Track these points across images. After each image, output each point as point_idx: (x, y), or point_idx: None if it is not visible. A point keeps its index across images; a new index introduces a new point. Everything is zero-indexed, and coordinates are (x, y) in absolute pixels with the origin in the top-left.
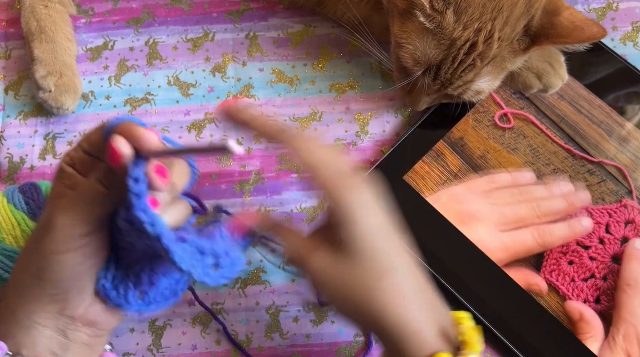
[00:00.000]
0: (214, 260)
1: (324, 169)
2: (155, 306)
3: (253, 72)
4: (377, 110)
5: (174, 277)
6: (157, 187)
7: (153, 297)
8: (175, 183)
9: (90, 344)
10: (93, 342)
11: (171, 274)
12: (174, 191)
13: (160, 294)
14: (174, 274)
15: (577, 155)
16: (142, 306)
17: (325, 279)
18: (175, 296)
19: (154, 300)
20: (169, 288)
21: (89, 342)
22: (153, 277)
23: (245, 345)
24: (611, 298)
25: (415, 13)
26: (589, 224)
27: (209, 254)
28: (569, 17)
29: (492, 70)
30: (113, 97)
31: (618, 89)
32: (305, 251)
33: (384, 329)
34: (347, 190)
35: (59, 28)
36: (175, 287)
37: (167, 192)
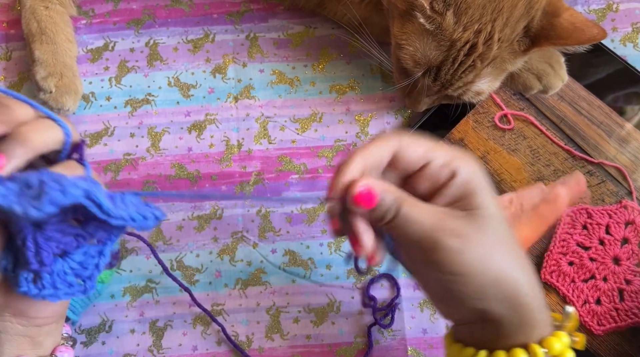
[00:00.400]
0: (38, 189)
1: (442, 149)
2: (52, 291)
3: (253, 73)
4: (377, 111)
5: (76, 260)
6: None
7: (50, 281)
8: (30, 138)
9: (30, 335)
10: (33, 333)
11: (71, 255)
12: (29, 146)
13: (60, 279)
14: (74, 255)
15: (577, 156)
16: (33, 289)
17: (467, 249)
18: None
19: (51, 285)
20: (71, 274)
21: (28, 333)
22: (42, 255)
23: (246, 346)
24: (612, 299)
25: (416, 14)
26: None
27: (34, 186)
28: (569, 18)
29: (492, 72)
30: (113, 98)
31: (618, 89)
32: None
33: (521, 304)
34: (473, 161)
35: (59, 29)
36: (82, 274)
37: (20, 148)
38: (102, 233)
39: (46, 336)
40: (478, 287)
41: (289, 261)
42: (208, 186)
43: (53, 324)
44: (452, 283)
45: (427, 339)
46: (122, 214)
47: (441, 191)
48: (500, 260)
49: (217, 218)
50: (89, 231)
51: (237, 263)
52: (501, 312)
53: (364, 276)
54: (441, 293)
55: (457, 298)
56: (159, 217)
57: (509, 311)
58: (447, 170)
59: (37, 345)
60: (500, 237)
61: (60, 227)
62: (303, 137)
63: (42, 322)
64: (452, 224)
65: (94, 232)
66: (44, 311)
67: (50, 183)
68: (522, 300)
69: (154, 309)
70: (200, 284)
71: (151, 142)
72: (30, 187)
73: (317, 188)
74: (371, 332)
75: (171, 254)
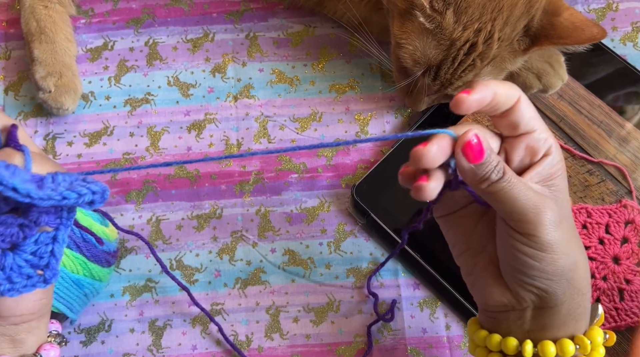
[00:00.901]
0: None
1: (542, 121)
2: (9, 286)
3: (253, 72)
4: (377, 110)
5: (29, 251)
6: None
7: (5, 277)
8: None
9: (10, 334)
10: (11, 331)
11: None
12: None
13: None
14: (25, 246)
15: (577, 156)
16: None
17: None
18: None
19: (6, 280)
20: (26, 266)
21: (5, 332)
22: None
23: (246, 345)
24: (611, 299)
25: (415, 13)
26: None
27: None
28: (569, 17)
29: (492, 71)
30: (113, 97)
31: (618, 89)
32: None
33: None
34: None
35: (58, 28)
36: (38, 264)
37: None
38: (48, 218)
39: (27, 333)
40: (558, 268)
41: (288, 261)
42: (208, 185)
43: (33, 322)
44: (536, 259)
45: (426, 339)
46: (50, 193)
47: (533, 166)
48: (577, 247)
49: (216, 217)
50: (32, 219)
51: (236, 262)
52: (564, 299)
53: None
54: (512, 267)
55: (530, 275)
56: (96, 191)
57: (571, 298)
58: (546, 145)
59: (19, 343)
60: (573, 225)
61: (0, 220)
62: (303, 136)
63: (19, 320)
64: (551, 203)
65: (38, 219)
66: (17, 309)
67: None
68: (584, 290)
69: (153, 308)
70: (199, 283)
71: (150, 142)
72: None
73: (317, 187)
74: (371, 331)
75: (170, 253)
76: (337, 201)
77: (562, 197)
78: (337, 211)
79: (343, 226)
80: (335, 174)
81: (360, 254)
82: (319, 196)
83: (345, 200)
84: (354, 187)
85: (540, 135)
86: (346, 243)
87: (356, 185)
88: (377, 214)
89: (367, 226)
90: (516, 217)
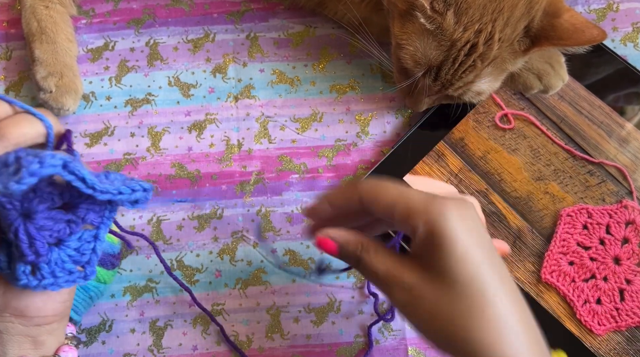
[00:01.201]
0: (16, 164)
1: (409, 197)
2: (52, 280)
3: (254, 72)
4: (377, 111)
5: (73, 247)
6: None
7: (49, 271)
8: (8, 132)
9: (32, 335)
10: (34, 332)
11: (66, 242)
12: (7, 140)
13: (59, 267)
14: (69, 242)
15: (578, 156)
16: (32, 281)
17: (415, 306)
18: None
19: (50, 274)
20: (69, 261)
21: (29, 333)
22: (37, 246)
23: (246, 346)
24: (612, 299)
25: (416, 14)
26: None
27: (12, 163)
28: (569, 19)
29: (493, 72)
30: (114, 97)
31: (618, 89)
32: (364, 247)
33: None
34: (441, 214)
35: (59, 29)
36: (80, 260)
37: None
38: (93, 216)
39: (48, 335)
40: (428, 340)
41: (289, 261)
42: (208, 186)
43: (54, 324)
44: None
45: None
46: (108, 187)
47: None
48: (457, 326)
49: (217, 218)
50: (79, 216)
51: (237, 263)
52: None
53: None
54: None
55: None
56: (147, 189)
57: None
58: (406, 226)
59: (40, 345)
60: (466, 300)
61: (50, 215)
62: (303, 136)
63: (43, 321)
64: (407, 278)
65: (85, 216)
66: (44, 310)
67: (27, 157)
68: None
69: (154, 308)
70: (200, 283)
71: (151, 142)
72: (8, 165)
73: (318, 188)
74: (371, 332)
75: (171, 253)
76: None
77: (447, 275)
78: None
79: None
80: (336, 175)
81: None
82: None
83: None
84: None
85: (397, 219)
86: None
87: None
88: None
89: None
90: (377, 286)
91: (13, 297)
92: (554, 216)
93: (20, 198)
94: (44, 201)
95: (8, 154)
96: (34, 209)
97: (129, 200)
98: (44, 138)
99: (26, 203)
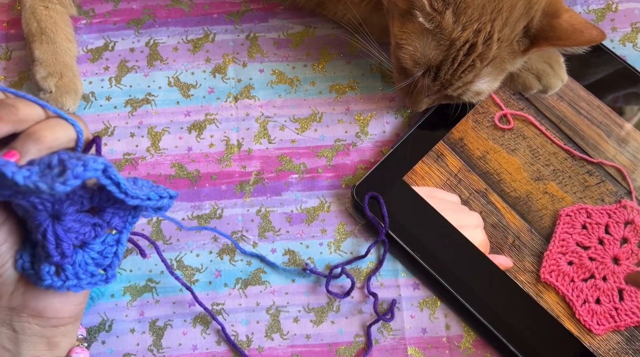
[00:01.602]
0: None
1: None
2: (76, 282)
3: (253, 73)
4: (377, 111)
5: (96, 250)
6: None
7: (73, 272)
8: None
9: (47, 336)
10: (49, 333)
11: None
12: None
13: (82, 269)
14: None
15: (577, 156)
16: (57, 282)
17: None
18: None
19: (74, 276)
20: (92, 263)
21: (44, 334)
22: (63, 247)
23: (246, 345)
24: (611, 299)
25: (415, 13)
26: None
27: (56, 165)
28: (568, 19)
29: (492, 72)
30: (114, 98)
31: (617, 89)
32: None
33: None
34: None
35: (59, 29)
36: (102, 263)
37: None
38: (118, 220)
39: (63, 337)
40: None
41: (288, 261)
42: (208, 186)
43: (69, 325)
44: None
45: (426, 339)
46: (138, 193)
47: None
48: None
49: (216, 218)
50: (105, 219)
51: (236, 263)
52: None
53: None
54: None
55: None
56: (173, 196)
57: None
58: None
59: (54, 346)
60: None
61: (78, 218)
62: (303, 136)
63: (59, 322)
64: None
65: (111, 220)
66: (62, 311)
67: (70, 160)
68: None
69: (153, 308)
70: (200, 283)
71: (151, 142)
72: (52, 167)
73: (317, 188)
74: (371, 331)
75: (171, 253)
76: (337, 201)
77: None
78: (337, 211)
79: (343, 226)
80: (335, 175)
81: (360, 254)
82: (319, 196)
83: (346, 200)
84: (354, 188)
85: None
86: (346, 243)
87: (356, 185)
88: (377, 214)
89: (367, 226)
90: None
91: (32, 298)
92: (553, 215)
93: (52, 200)
94: (74, 204)
95: (51, 156)
96: (64, 211)
97: (154, 206)
98: (74, 143)
99: (57, 205)
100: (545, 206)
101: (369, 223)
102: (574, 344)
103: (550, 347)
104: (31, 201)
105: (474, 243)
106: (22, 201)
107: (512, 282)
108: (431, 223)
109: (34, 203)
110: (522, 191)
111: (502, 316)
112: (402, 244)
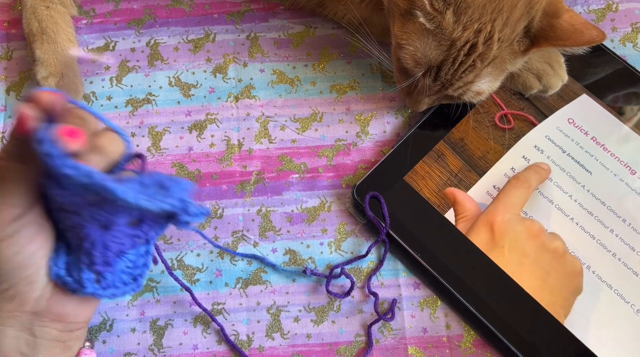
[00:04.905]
0: (159, 188)
1: None
2: (113, 290)
3: (254, 73)
4: (377, 111)
5: (130, 260)
6: (69, 146)
7: (111, 280)
8: (106, 147)
9: (63, 340)
10: (65, 337)
11: (125, 254)
12: (105, 155)
13: (118, 278)
14: (129, 255)
15: None
16: (98, 289)
17: None
18: (135, 282)
19: (112, 284)
20: (126, 272)
21: (61, 338)
22: (107, 256)
23: (246, 345)
24: None
25: (416, 13)
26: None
27: (151, 185)
28: (569, 19)
29: (493, 72)
30: (114, 98)
31: (617, 89)
32: None
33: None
34: None
35: (60, 29)
36: (134, 272)
37: (97, 157)
38: (152, 233)
39: (76, 340)
40: None
41: (289, 260)
42: (209, 186)
43: (82, 329)
44: None
45: (427, 338)
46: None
47: None
48: None
49: (217, 217)
50: (144, 231)
51: (237, 262)
52: None
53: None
54: None
55: None
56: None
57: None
58: None
59: (67, 349)
60: None
61: (124, 229)
62: (303, 136)
63: (76, 327)
64: None
65: (148, 233)
66: (83, 316)
67: (167, 182)
68: None
69: (154, 308)
70: (200, 283)
71: (152, 142)
72: (147, 186)
73: (318, 187)
74: (371, 331)
75: (172, 253)
76: (337, 201)
77: None
78: (338, 211)
79: (344, 226)
80: (336, 174)
81: (360, 254)
82: (320, 196)
83: (346, 200)
84: (355, 187)
85: None
86: (347, 243)
87: (357, 185)
88: (377, 214)
89: (368, 226)
90: None
91: (57, 303)
92: None
93: (108, 210)
94: (124, 216)
95: (142, 177)
96: (115, 222)
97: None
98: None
99: (112, 216)
100: None
101: (370, 223)
102: (574, 344)
103: (550, 347)
104: (91, 211)
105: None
106: (84, 210)
107: (513, 282)
108: (432, 223)
109: (93, 214)
110: None
111: (502, 315)
112: (402, 244)
